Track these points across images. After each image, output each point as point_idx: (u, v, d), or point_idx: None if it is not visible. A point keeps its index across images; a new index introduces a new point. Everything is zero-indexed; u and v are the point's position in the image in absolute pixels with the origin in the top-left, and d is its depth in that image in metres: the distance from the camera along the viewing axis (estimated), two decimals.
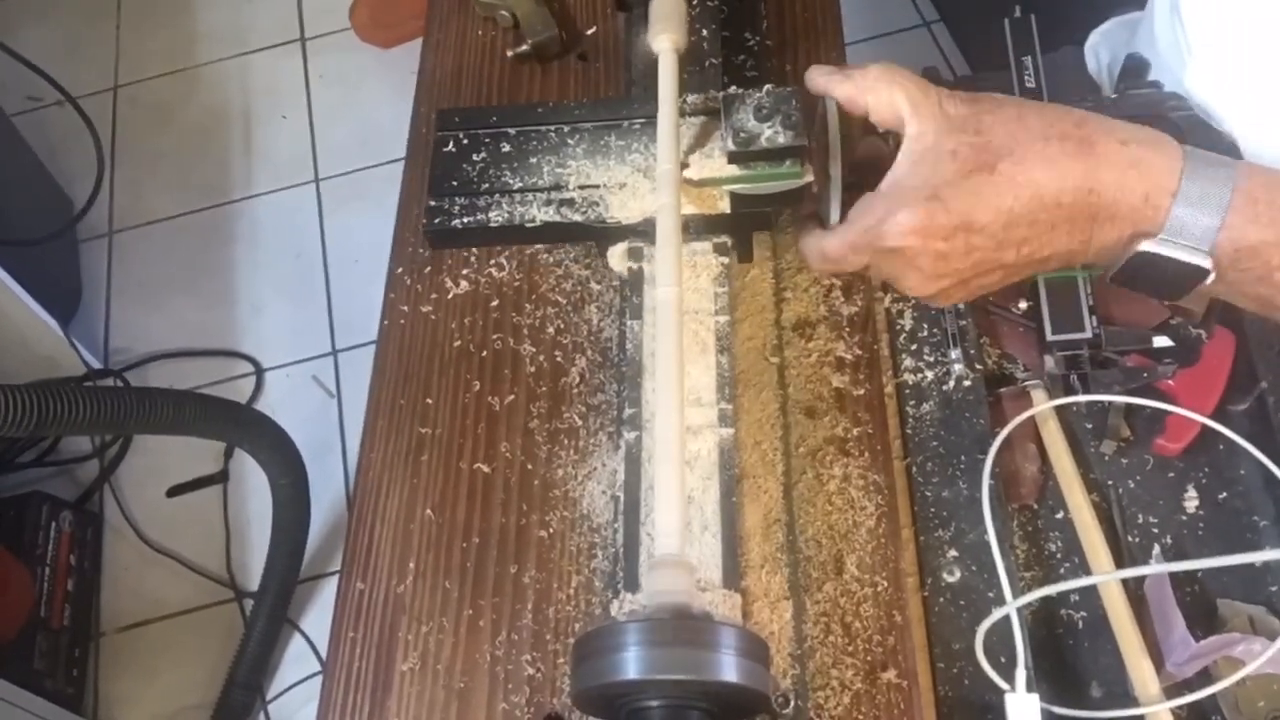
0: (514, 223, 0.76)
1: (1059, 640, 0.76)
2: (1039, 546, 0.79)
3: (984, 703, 0.72)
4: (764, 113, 0.72)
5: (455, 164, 0.78)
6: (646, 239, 0.76)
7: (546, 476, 0.79)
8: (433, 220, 0.77)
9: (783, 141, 0.71)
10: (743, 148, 0.71)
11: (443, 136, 0.79)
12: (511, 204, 0.76)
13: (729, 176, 0.74)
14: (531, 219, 0.76)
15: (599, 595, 0.74)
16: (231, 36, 2.66)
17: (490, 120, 0.80)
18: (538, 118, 0.80)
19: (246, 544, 1.97)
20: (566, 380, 0.83)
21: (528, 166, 0.78)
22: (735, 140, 0.71)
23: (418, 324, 0.87)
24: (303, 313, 2.22)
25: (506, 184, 0.77)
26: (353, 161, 2.39)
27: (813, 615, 0.71)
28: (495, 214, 0.76)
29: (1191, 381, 0.80)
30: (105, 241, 2.37)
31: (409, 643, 0.74)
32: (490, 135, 0.79)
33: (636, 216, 0.75)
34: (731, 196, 0.75)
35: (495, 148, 0.79)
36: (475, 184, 0.77)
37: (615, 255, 0.79)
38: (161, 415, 1.36)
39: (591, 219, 0.75)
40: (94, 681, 1.86)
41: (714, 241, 0.78)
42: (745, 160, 0.73)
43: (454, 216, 0.76)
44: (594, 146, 0.78)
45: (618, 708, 0.56)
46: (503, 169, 0.78)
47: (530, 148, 0.78)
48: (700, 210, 0.75)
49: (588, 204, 0.76)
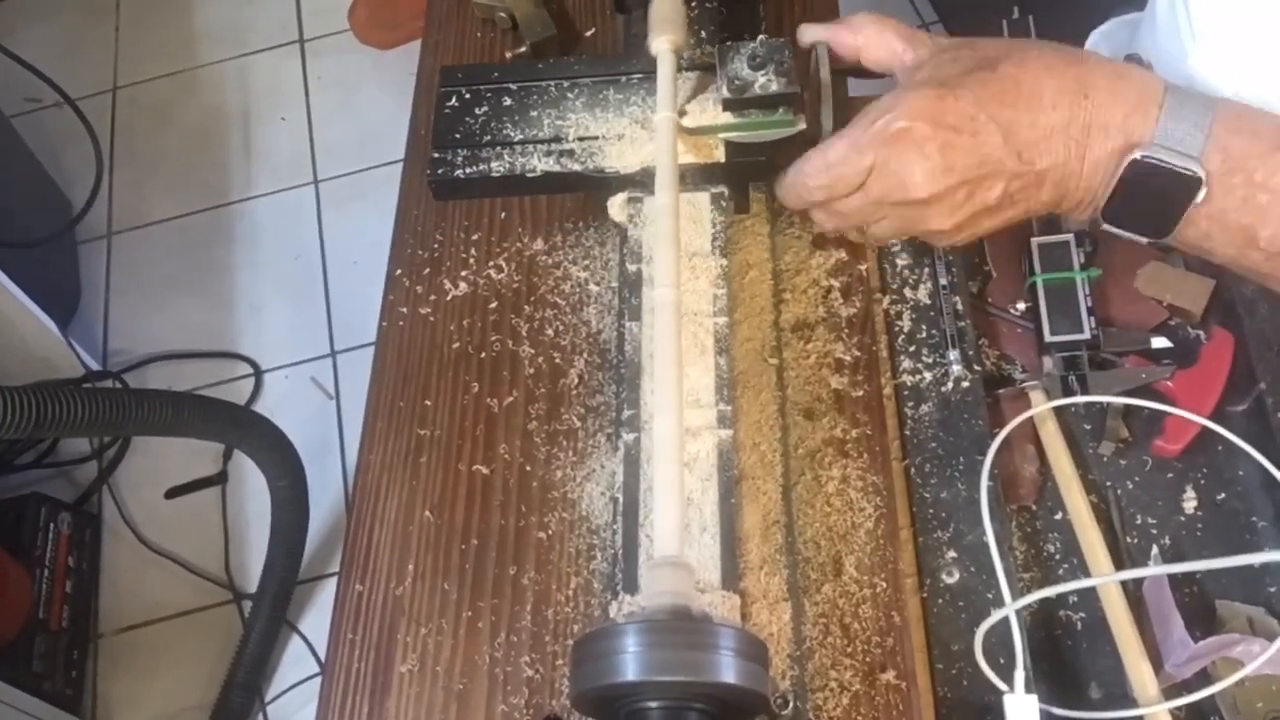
0: (515, 173, 0.78)
1: (1058, 641, 0.76)
2: (1037, 547, 0.79)
3: (983, 704, 0.72)
4: (758, 61, 0.74)
5: (458, 118, 0.81)
6: (644, 189, 0.78)
7: (545, 478, 0.79)
8: (436, 171, 0.79)
9: (775, 89, 0.73)
10: (737, 95, 0.74)
11: (445, 92, 0.82)
12: (513, 155, 0.79)
13: (724, 124, 0.76)
14: (532, 169, 0.78)
15: (598, 597, 0.74)
16: (230, 38, 2.66)
17: (492, 76, 0.82)
18: (538, 73, 0.82)
19: (245, 545, 1.96)
20: (565, 382, 0.83)
21: (528, 120, 0.80)
22: (730, 88, 0.74)
23: (416, 326, 0.87)
24: (301, 314, 2.22)
25: (508, 136, 0.79)
26: (352, 163, 2.39)
27: (811, 616, 0.71)
28: (497, 165, 0.78)
29: (1190, 383, 0.80)
30: (104, 243, 2.37)
31: (408, 644, 0.74)
32: (492, 90, 0.82)
33: (634, 166, 0.77)
34: (727, 145, 0.77)
35: (497, 102, 0.81)
36: (477, 137, 0.80)
37: (615, 205, 0.82)
38: (160, 416, 1.36)
39: (590, 169, 0.78)
40: (92, 683, 1.86)
41: (711, 192, 0.80)
42: (740, 108, 0.75)
43: (457, 167, 0.79)
44: (593, 100, 0.80)
45: (617, 709, 0.56)
46: (504, 122, 0.80)
47: (531, 101, 0.81)
48: (697, 159, 0.77)
49: (587, 154, 0.78)
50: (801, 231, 0.86)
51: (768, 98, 0.74)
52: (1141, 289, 0.84)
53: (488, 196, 0.91)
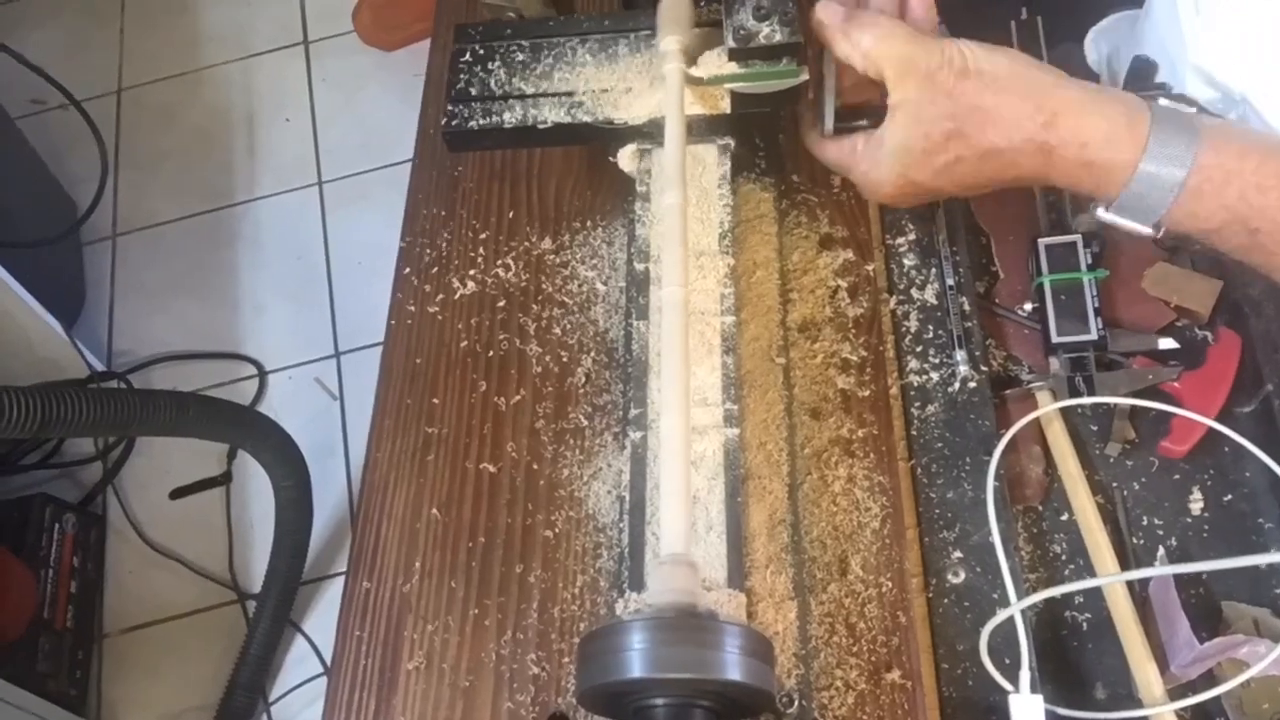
0: (527, 124, 0.81)
1: (1063, 642, 0.76)
2: (1043, 548, 0.79)
3: (988, 704, 0.72)
4: (762, 12, 0.75)
5: (471, 72, 0.83)
6: (653, 140, 0.80)
7: (552, 476, 0.79)
8: (450, 122, 0.81)
9: (779, 39, 0.74)
10: (742, 44, 0.75)
11: (460, 48, 0.84)
12: (525, 107, 0.81)
13: (730, 74, 0.77)
14: (544, 120, 0.80)
15: (604, 595, 0.74)
16: (235, 40, 2.66)
17: (505, 33, 0.85)
18: (550, 30, 0.84)
19: (249, 546, 1.97)
20: (572, 381, 0.83)
21: (541, 73, 0.82)
22: (735, 38, 0.75)
23: (425, 324, 0.87)
24: (305, 315, 2.22)
25: (520, 89, 0.82)
26: (355, 164, 2.39)
27: (817, 616, 0.72)
28: (509, 116, 0.81)
29: (1196, 384, 0.80)
30: (109, 244, 2.37)
31: (415, 641, 0.74)
32: (505, 46, 0.84)
33: (643, 117, 0.79)
34: (733, 96, 0.78)
35: (510, 57, 0.83)
36: (491, 90, 0.82)
37: (625, 156, 0.83)
38: (165, 417, 1.36)
39: (600, 120, 0.80)
40: (97, 683, 1.86)
41: (718, 143, 0.83)
42: (745, 58, 0.76)
43: (470, 119, 0.81)
44: (603, 54, 0.82)
45: (623, 706, 0.56)
46: (516, 76, 0.82)
47: (543, 56, 0.83)
48: (704, 110, 0.79)
49: (597, 106, 0.80)
50: (809, 231, 0.86)
51: (772, 48, 0.75)
52: (1149, 290, 0.84)
53: (500, 148, 0.93)
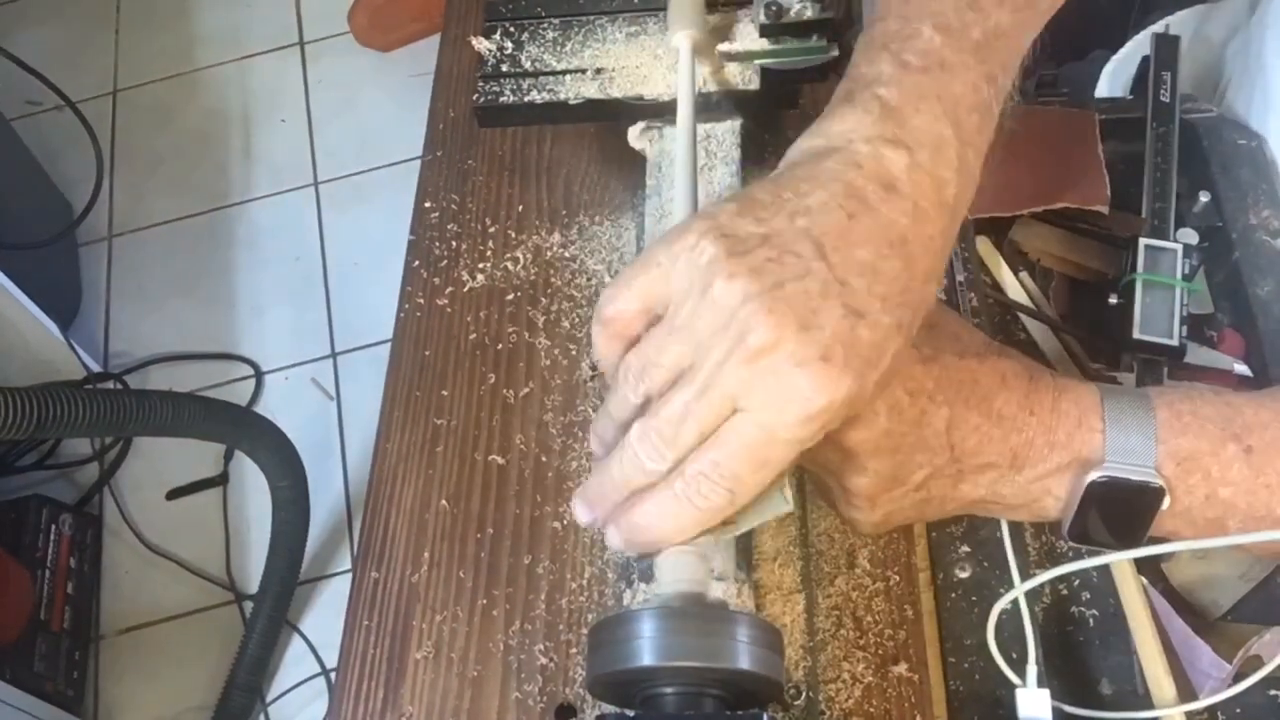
0: (558, 99, 0.82)
1: (1070, 638, 0.76)
2: (1051, 543, 0.79)
3: (995, 697, 0.72)
4: None
5: (502, 49, 0.85)
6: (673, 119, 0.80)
7: (560, 469, 0.79)
8: (482, 98, 0.83)
9: (810, 15, 0.76)
10: (773, 20, 0.76)
11: (490, 25, 0.86)
12: (555, 83, 0.83)
13: (760, 50, 0.78)
14: (574, 96, 0.82)
15: (612, 586, 0.74)
16: (230, 41, 2.66)
17: (536, 11, 0.87)
18: (580, 7, 0.87)
19: (246, 546, 1.97)
20: (580, 374, 0.83)
21: (570, 50, 0.84)
22: (766, 13, 0.76)
23: (434, 317, 0.87)
24: (302, 316, 2.22)
25: (550, 65, 0.84)
26: (352, 165, 2.39)
27: (824, 609, 0.72)
28: (539, 93, 0.83)
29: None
30: (105, 245, 2.37)
31: (423, 631, 0.74)
32: (535, 24, 0.86)
33: (673, 93, 0.80)
34: (762, 71, 0.80)
35: (540, 34, 0.85)
36: (522, 66, 0.84)
37: (634, 133, 0.84)
38: (161, 417, 1.36)
39: (630, 95, 0.81)
40: (94, 684, 1.86)
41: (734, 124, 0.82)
42: (775, 34, 0.77)
43: (501, 94, 0.83)
44: (632, 31, 0.84)
45: (632, 694, 0.56)
46: (547, 53, 0.84)
47: (572, 34, 0.85)
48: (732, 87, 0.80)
49: (627, 82, 0.82)
50: None
51: (802, 24, 0.76)
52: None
53: (530, 124, 0.94)
